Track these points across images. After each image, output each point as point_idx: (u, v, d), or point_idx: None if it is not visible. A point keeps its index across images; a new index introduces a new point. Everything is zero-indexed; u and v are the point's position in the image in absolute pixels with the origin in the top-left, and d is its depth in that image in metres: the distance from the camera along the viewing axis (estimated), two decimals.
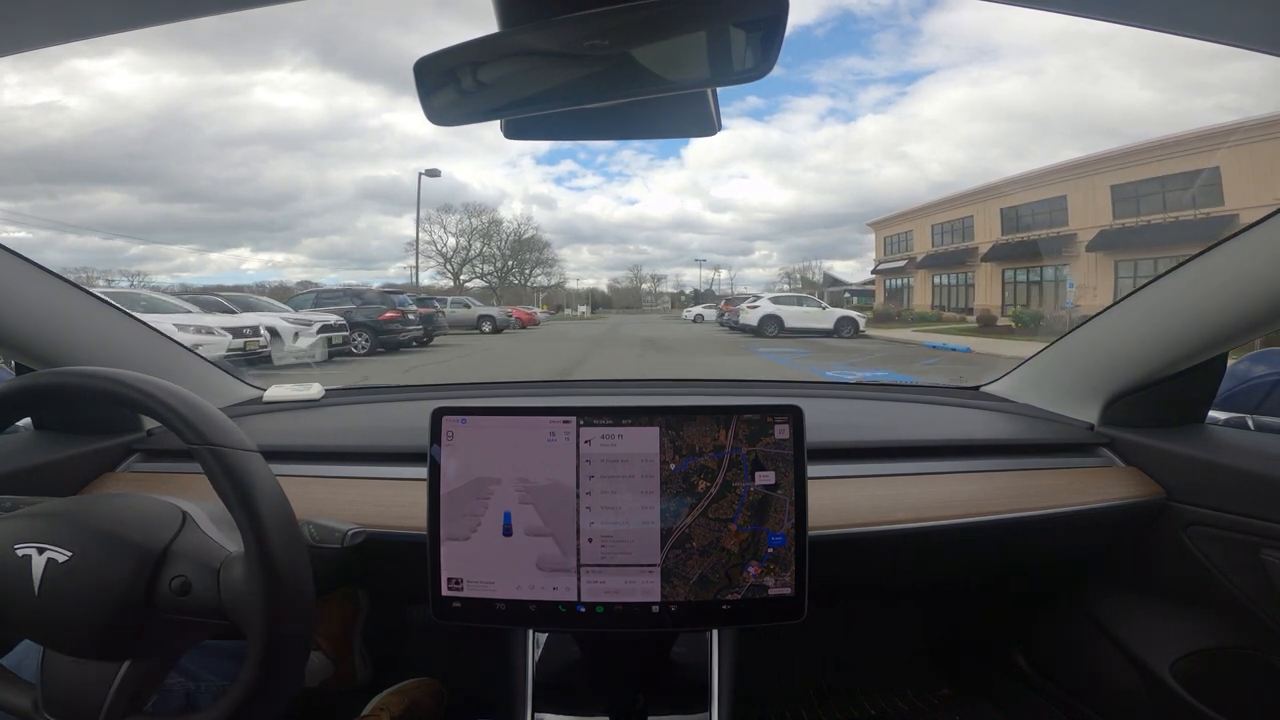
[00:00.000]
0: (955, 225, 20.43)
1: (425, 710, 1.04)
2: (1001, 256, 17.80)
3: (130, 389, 0.55)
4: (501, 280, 34.95)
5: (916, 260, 21.97)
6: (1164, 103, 37.07)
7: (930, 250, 21.45)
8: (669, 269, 61.79)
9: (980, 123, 50.20)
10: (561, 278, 37.49)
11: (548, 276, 37.10)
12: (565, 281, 37.93)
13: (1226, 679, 0.86)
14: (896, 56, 56.20)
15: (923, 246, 21.87)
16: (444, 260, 33.72)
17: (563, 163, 66.32)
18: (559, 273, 37.84)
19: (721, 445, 0.68)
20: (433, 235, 33.56)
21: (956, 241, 20.19)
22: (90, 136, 33.58)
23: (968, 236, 19.63)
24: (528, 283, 35.48)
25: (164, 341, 1.07)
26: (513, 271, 35.67)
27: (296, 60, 46.53)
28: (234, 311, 8.25)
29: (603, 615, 0.68)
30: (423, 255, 32.66)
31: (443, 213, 34.11)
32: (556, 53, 0.51)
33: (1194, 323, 0.82)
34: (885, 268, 24.64)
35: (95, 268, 24.26)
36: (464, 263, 33.44)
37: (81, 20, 0.54)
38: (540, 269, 36.83)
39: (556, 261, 37.25)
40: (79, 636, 0.54)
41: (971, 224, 19.52)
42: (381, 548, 0.75)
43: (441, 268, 33.49)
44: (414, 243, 31.66)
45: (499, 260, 35.48)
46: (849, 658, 1.31)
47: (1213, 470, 0.82)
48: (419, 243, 31.74)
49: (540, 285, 36.08)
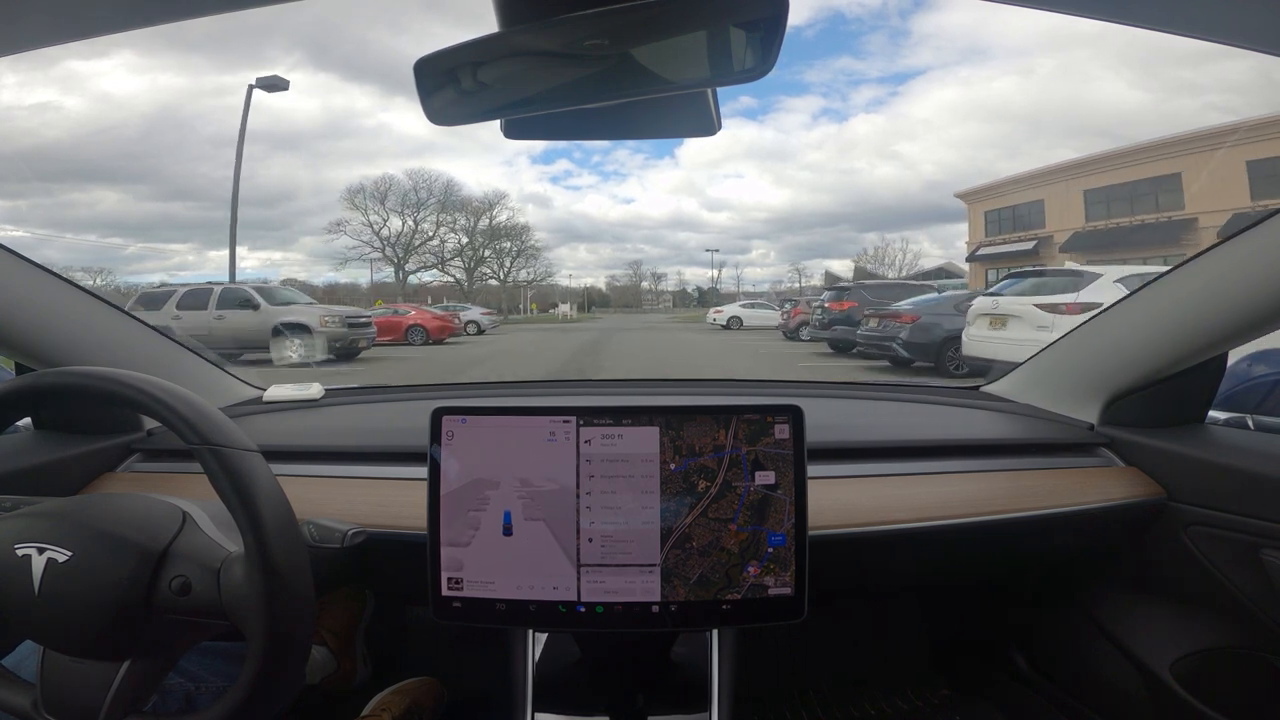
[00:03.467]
0: (1134, 189, 13.02)
1: (426, 710, 1.04)
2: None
3: (130, 389, 0.55)
4: (470, 273, 28.35)
5: (1057, 242, 14.95)
6: (1154, 102, 37.05)
7: (1083, 228, 14.25)
8: (668, 267, 61.53)
9: (973, 123, 50.23)
10: (548, 272, 32.14)
11: (531, 270, 31.07)
12: (552, 276, 32.63)
13: (1226, 679, 0.86)
14: (887, 57, 56.42)
15: (1067, 221, 15.06)
16: (382, 246, 26.42)
17: (558, 162, 66.54)
18: (545, 266, 32.17)
19: (721, 445, 0.68)
20: (367, 214, 26.35)
21: (1144, 211, 12.60)
22: (87, 136, 33.57)
23: (1161, 204, 12.29)
24: (507, 277, 29.65)
25: (164, 341, 1.07)
26: (487, 262, 29.11)
27: (290, 61, 46.58)
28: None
29: (603, 615, 0.68)
30: (351, 238, 25.89)
31: (380, 186, 27.04)
32: (556, 52, 0.51)
33: (1194, 323, 0.82)
34: (991, 252, 17.75)
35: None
36: (410, 250, 26.51)
37: (79, 20, 0.54)
38: (522, 261, 30.61)
39: (540, 252, 31.34)
40: (79, 637, 0.54)
41: (1178, 184, 11.98)
42: (381, 548, 0.75)
43: (381, 255, 26.26)
44: (340, 223, 25.37)
45: (468, 248, 28.27)
46: (849, 658, 1.31)
47: (1213, 470, 0.81)
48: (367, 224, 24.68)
49: (523, 280, 30.26)
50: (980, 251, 18.69)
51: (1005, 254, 17.22)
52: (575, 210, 63.17)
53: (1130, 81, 41.84)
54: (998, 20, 62.32)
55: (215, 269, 35.84)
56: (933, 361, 6.38)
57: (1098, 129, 44.50)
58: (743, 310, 17.98)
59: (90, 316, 0.94)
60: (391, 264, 26.27)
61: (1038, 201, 16.36)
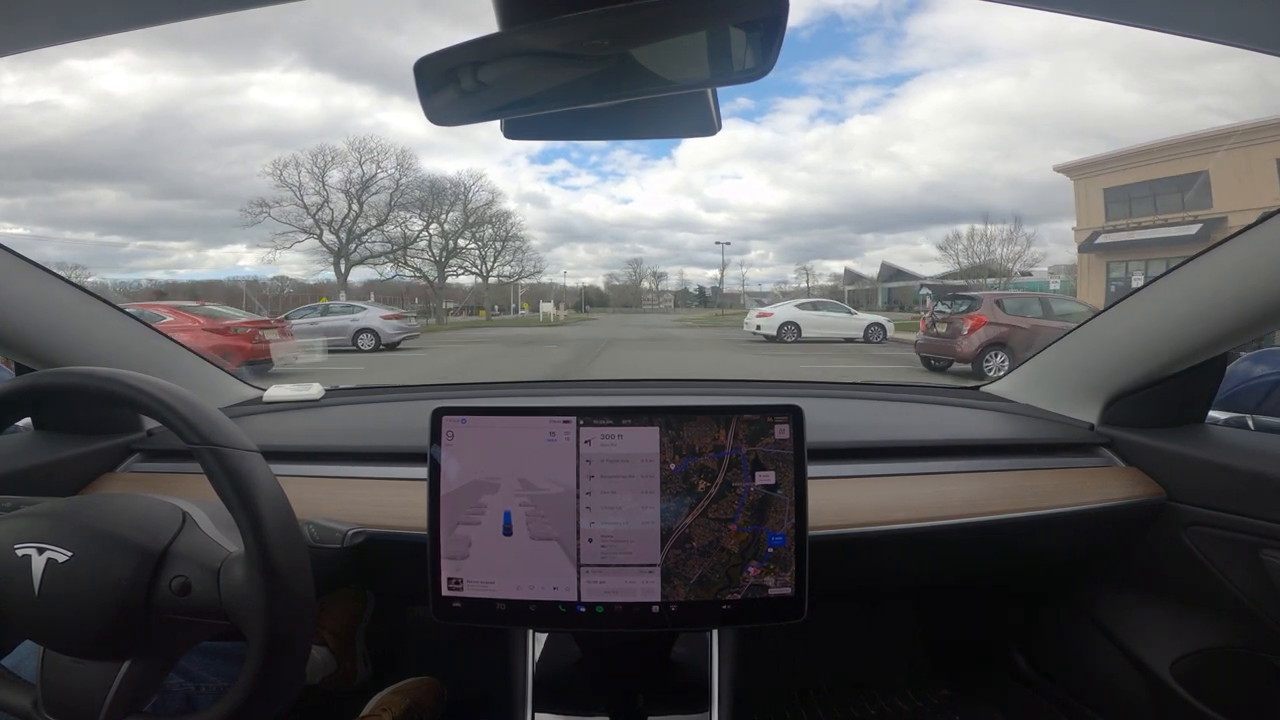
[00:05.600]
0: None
1: (426, 710, 1.04)
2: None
3: (130, 389, 0.55)
4: (440, 266, 22.64)
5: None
6: (1149, 104, 36.97)
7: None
8: (667, 267, 61.20)
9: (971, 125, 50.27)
10: (537, 267, 26.95)
11: (518, 264, 25.96)
12: (541, 272, 27.49)
13: (1226, 679, 0.86)
14: (883, 59, 56.59)
15: (1249, 196, 10.54)
16: (319, 232, 20.42)
17: (556, 161, 66.61)
18: (533, 260, 27.01)
19: (721, 445, 0.68)
20: (301, 193, 20.19)
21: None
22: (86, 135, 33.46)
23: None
24: (488, 272, 24.66)
25: (164, 341, 1.07)
26: (459, 253, 23.46)
27: (287, 61, 46.52)
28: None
29: (603, 615, 0.68)
30: (275, 219, 20.13)
31: (320, 160, 20.71)
32: (557, 53, 0.50)
33: (1194, 323, 0.82)
34: (1119, 240, 13.18)
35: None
36: (353, 236, 20.82)
37: (79, 21, 0.54)
38: (507, 252, 25.30)
39: (525, 242, 26.17)
40: (79, 637, 0.54)
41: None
42: (382, 548, 0.75)
43: (318, 241, 20.46)
44: (262, 204, 19.88)
45: (438, 235, 22.66)
46: (849, 658, 1.31)
47: (1213, 470, 0.81)
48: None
49: (508, 276, 25.35)
50: (1100, 240, 13.85)
51: (1148, 241, 12.56)
52: (573, 210, 63.15)
53: (1124, 84, 41.85)
54: (992, 22, 62.41)
55: (214, 267, 35.45)
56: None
57: (1094, 131, 44.53)
58: (801, 313, 11.95)
59: (90, 316, 0.94)
60: (332, 254, 20.66)
61: (1193, 175, 12.16)
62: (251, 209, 20.75)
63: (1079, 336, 1.02)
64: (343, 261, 20.26)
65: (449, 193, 23.29)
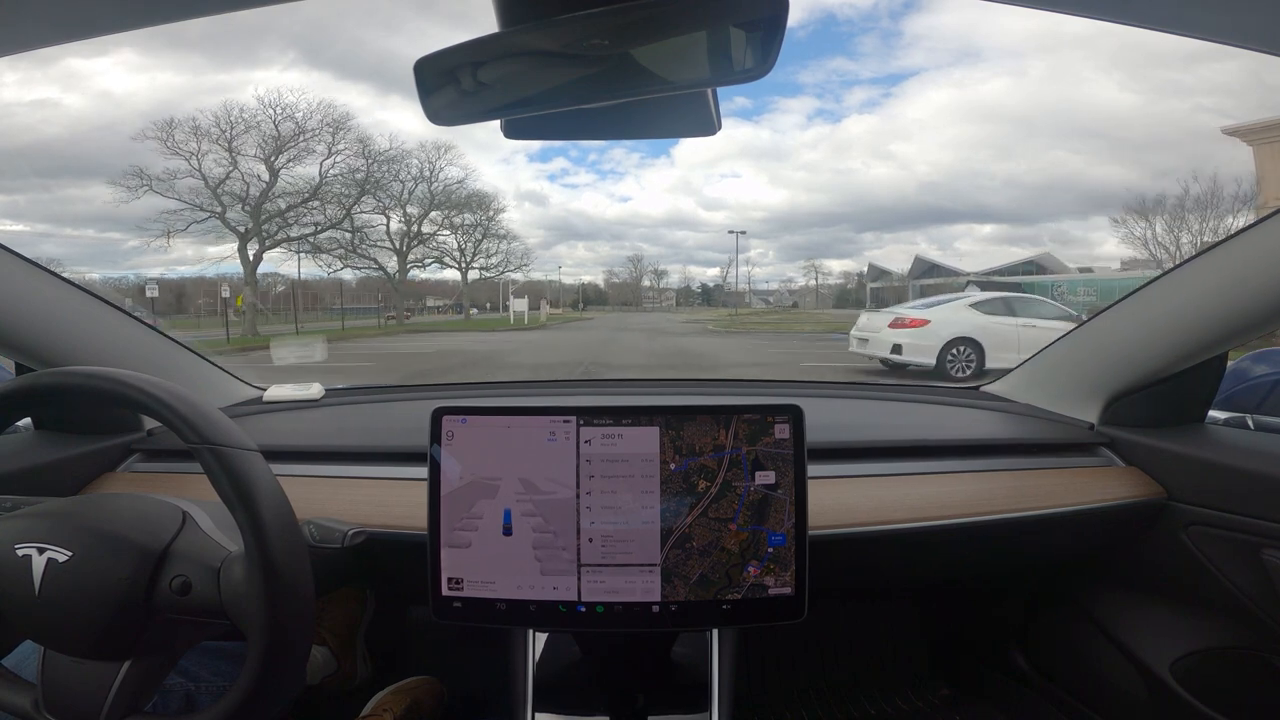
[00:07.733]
0: None
1: (426, 709, 1.04)
2: None
3: (131, 389, 0.55)
4: (402, 256, 18.45)
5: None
6: (1144, 104, 36.89)
7: None
8: (667, 265, 60.95)
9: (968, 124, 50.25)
10: (524, 260, 23.29)
11: (504, 256, 21.97)
12: (527, 265, 23.26)
13: (1226, 679, 0.86)
14: (880, 58, 56.62)
15: None
16: (222, 209, 15.10)
17: (555, 160, 66.64)
18: (520, 254, 22.89)
19: (722, 445, 0.68)
20: (199, 159, 14.96)
21: None
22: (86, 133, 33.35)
23: None
24: (469, 265, 20.86)
25: (164, 341, 1.07)
26: (429, 240, 19.52)
27: (285, 60, 46.47)
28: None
29: (603, 615, 0.68)
30: (163, 196, 14.94)
31: (224, 121, 15.35)
32: (557, 53, 0.50)
33: (1194, 323, 0.82)
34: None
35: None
36: (270, 215, 15.88)
37: (79, 20, 0.54)
38: (490, 242, 21.34)
39: (508, 233, 22.21)
40: (79, 637, 0.54)
41: None
42: (382, 548, 0.75)
43: (219, 220, 15.24)
44: (142, 173, 14.33)
45: (395, 214, 18.32)
46: (849, 658, 1.31)
47: (1213, 470, 0.82)
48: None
49: (491, 269, 21.94)
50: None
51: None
52: (572, 208, 63.23)
53: (1120, 83, 41.83)
54: (988, 22, 62.56)
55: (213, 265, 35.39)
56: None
57: (1090, 130, 44.50)
58: (984, 319, 6.84)
59: (90, 316, 0.93)
60: (238, 236, 15.50)
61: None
62: (126, 180, 15.11)
63: (1079, 336, 1.02)
64: (257, 238, 15.66)
65: (404, 165, 18.45)
